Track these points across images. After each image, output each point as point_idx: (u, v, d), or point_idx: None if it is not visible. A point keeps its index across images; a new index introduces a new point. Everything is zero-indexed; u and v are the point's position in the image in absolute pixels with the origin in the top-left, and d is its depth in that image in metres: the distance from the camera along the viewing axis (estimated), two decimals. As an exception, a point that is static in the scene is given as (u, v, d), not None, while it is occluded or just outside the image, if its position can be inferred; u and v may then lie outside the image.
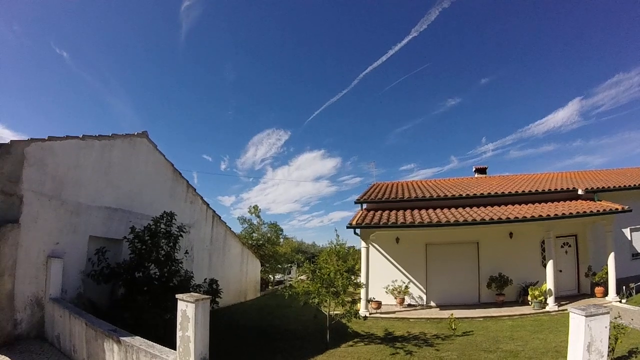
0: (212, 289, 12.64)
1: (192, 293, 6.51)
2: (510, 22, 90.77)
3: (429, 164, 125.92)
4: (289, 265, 37.81)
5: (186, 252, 12.86)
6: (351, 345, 10.44)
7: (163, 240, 11.04)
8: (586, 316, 4.17)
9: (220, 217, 18.61)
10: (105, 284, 10.15)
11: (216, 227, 18.25)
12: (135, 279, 10.18)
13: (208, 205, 17.48)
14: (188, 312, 5.79)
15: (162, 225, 11.24)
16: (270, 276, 33.95)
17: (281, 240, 37.60)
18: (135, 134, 13.14)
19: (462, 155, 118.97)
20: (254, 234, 33.44)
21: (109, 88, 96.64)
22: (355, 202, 18.63)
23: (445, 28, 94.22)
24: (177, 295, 6.13)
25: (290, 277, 37.02)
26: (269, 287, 31.45)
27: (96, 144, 11.09)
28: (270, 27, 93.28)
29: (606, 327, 4.28)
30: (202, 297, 6.04)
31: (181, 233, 11.78)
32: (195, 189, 16.41)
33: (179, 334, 5.88)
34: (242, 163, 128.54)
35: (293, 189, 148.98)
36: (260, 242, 32.73)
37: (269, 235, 34.53)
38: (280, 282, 35.27)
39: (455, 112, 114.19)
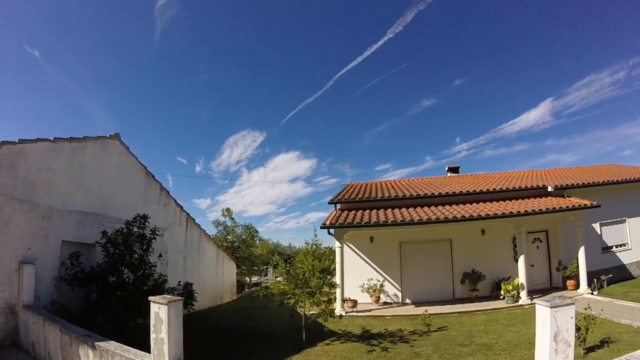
0: (186, 292, 12.59)
1: (164, 295, 6.50)
2: (484, 24, 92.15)
3: (404, 164, 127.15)
4: (265, 267, 37.78)
5: (160, 256, 12.77)
6: (328, 344, 10.50)
7: (136, 244, 10.95)
8: (551, 307, 4.31)
9: (194, 220, 18.49)
10: (79, 288, 10.03)
11: (190, 230, 18.13)
12: (109, 283, 10.07)
13: (182, 207, 17.35)
14: (161, 314, 5.80)
15: (135, 228, 11.15)
16: (246, 278, 33.91)
17: (257, 241, 37.59)
18: (108, 136, 12.99)
19: (437, 155, 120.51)
20: (228, 236, 33.35)
21: (81, 88, 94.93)
22: (329, 203, 18.72)
23: (421, 30, 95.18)
24: (150, 298, 6.14)
25: (266, 279, 37.07)
26: (246, 289, 31.37)
27: (67, 146, 10.93)
28: (245, 28, 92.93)
29: (572, 318, 4.43)
30: (174, 298, 6.06)
31: (154, 236, 11.68)
32: (168, 192, 16.30)
33: (152, 336, 5.89)
34: (217, 165, 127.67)
35: (269, 191, 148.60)
36: (235, 244, 32.70)
37: (243, 237, 34.48)
38: (256, 284, 35.25)
39: (430, 113, 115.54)
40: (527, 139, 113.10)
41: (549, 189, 19.14)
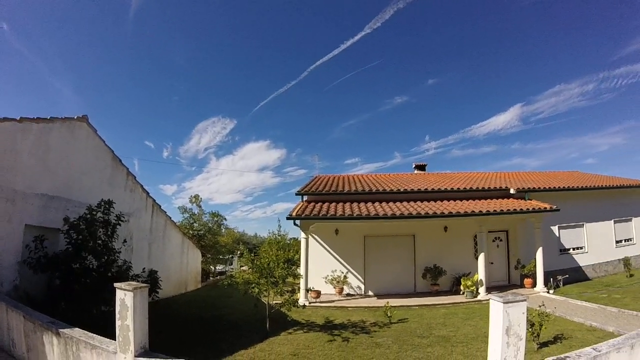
0: (151, 280, 12.55)
1: (130, 282, 6.50)
2: (461, 27, 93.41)
3: (373, 159, 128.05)
4: (230, 255, 37.58)
5: (124, 242, 12.58)
6: (290, 333, 10.67)
7: (100, 230, 10.82)
8: (504, 303, 4.54)
9: (160, 207, 18.30)
10: (42, 273, 9.83)
11: (156, 216, 17.94)
12: (72, 269, 9.89)
13: (148, 193, 17.13)
14: (127, 300, 5.79)
15: (100, 214, 10.98)
16: (211, 267, 33.63)
17: (223, 230, 37.38)
18: (75, 117, 12.66)
19: (406, 151, 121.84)
20: (194, 224, 33.07)
21: (50, 67, 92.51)
22: (296, 194, 18.84)
23: (398, 27, 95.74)
24: (115, 284, 6.10)
25: (231, 268, 36.86)
26: (210, 278, 31.16)
27: (34, 127, 10.59)
28: (220, 14, 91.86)
29: (523, 313, 4.68)
30: (140, 285, 6.04)
31: (119, 222, 11.54)
32: (135, 177, 16.05)
33: (118, 323, 5.87)
34: (185, 151, 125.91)
35: (237, 179, 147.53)
36: (201, 232, 32.43)
37: (210, 225, 34.24)
38: (221, 273, 35.03)
39: (402, 110, 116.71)
40: (495, 142, 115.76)
41: (512, 191, 19.88)
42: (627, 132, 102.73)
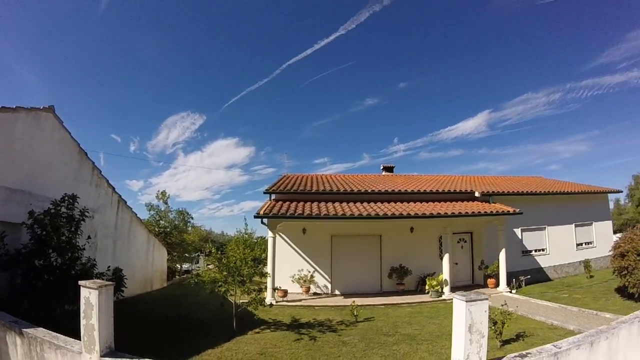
0: (116, 278, 12.34)
1: (95, 280, 6.41)
2: (433, 34, 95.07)
3: (342, 159, 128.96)
4: (197, 254, 37.15)
5: (88, 238, 12.21)
6: (258, 332, 10.66)
7: (64, 226, 10.56)
8: (467, 301, 4.69)
9: (126, 202, 17.87)
10: (4, 272, 9.56)
11: (121, 212, 17.52)
12: (35, 266, 9.63)
13: (114, 189, 16.71)
14: (91, 299, 5.71)
15: (64, 209, 10.69)
16: (177, 265, 33.15)
17: (189, 228, 36.94)
18: (42, 108, 12.26)
19: (375, 153, 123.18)
20: (161, 221, 32.54)
21: (17, 53, 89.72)
22: (264, 192, 18.71)
23: (373, 30, 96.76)
24: (80, 282, 6.01)
25: (197, 267, 36.51)
26: (176, 276, 30.72)
27: (-1, 116, 10.31)
28: (194, 9, 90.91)
29: (485, 312, 4.84)
30: (105, 283, 5.97)
31: (84, 217, 11.21)
32: (100, 171, 15.62)
33: (83, 322, 5.80)
34: (153, 146, 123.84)
35: (205, 176, 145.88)
36: (168, 229, 31.91)
37: (176, 222, 33.76)
38: (187, 272, 34.62)
39: (372, 112, 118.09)
40: (462, 146, 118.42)
41: (477, 194, 20.42)
42: (591, 141, 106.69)
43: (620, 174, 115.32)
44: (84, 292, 5.85)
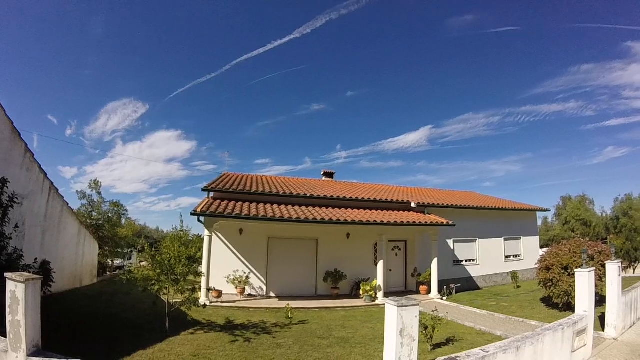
0: (44, 271, 11.80)
1: (22, 272, 6.14)
2: (386, 48, 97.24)
3: (284, 162, 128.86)
4: (130, 249, 35.95)
5: (16, 226, 11.56)
6: (192, 333, 10.50)
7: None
8: (398, 306, 4.87)
9: (57, 190, 16.93)
10: None
11: (52, 201, 16.47)
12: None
13: (46, 175, 15.68)
14: (18, 293, 5.43)
15: (-10, 193, 10.06)
16: (108, 261, 31.92)
17: (123, 222, 35.70)
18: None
19: (316, 158, 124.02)
20: (93, 213, 31.15)
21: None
22: (203, 190, 18.33)
23: (327, 37, 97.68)
24: (5, 275, 5.70)
25: (130, 263, 35.34)
26: (107, 272, 29.60)
27: None
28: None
29: (416, 317, 5.04)
30: (33, 277, 5.65)
31: (12, 204, 10.50)
32: (33, 154, 14.61)
33: (8, 318, 5.51)
34: (90, 131, 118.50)
35: (142, 168, 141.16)
36: (100, 222, 30.55)
37: (110, 215, 32.46)
38: (119, 268, 33.45)
39: (318, 117, 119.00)
40: (402, 158, 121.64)
41: (413, 204, 21.19)
42: (524, 163, 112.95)
43: (549, 195, 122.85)
44: (9, 285, 5.55)
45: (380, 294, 17.37)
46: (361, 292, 17.63)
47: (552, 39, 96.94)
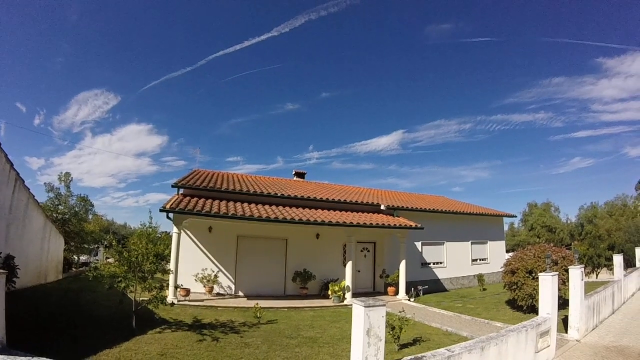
0: (7, 267, 11.55)
1: (-15, 268, 6.03)
2: (363, 51, 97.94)
3: (255, 160, 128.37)
4: (96, 245, 35.31)
5: None
6: (159, 332, 10.40)
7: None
8: (365, 307, 5.00)
9: (24, 182, 16.44)
10: None
11: (18, 192, 15.92)
12: None
13: (12, 165, 15.22)
14: (-19, 288, 5.36)
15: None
16: (74, 256, 31.28)
17: (90, 217, 35.09)
18: None
19: (289, 157, 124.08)
20: (60, 207, 30.46)
21: None
22: (173, 186, 18.14)
23: (306, 37, 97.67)
24: (-30, 270, 5.62)
25: (96, 259, 34.73)
26: (73, 268, 29.07)
27: None
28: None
29: (383, 317, 5.17)
30: None
31: None
32: (0, 144, 14.21)
33: (-27, 314, 5.44)
34: (59, 121, 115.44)
35: (111, 162, 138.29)
36: (67, 216, 29.90)
37: (76, 209, 31.84)
38: (85, 264, 32.87)
39: (292, 117, 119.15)
40: (374, 160, 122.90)
41: (382, 207, 21.52)
42: (493, 169, 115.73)
43: (516, 201, 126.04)
44: (-27, 281, 5.47)
45: (348, 295, 17.53)
46: (330, 292, 17.78)
47: (527, 51, 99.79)
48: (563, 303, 12.62)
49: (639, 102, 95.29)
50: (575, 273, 11.58)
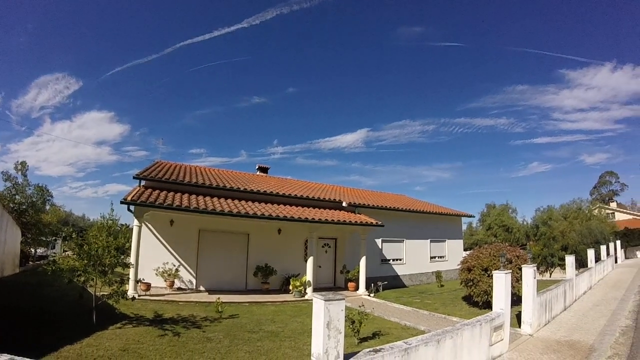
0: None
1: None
2: (332, 48, 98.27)
3: (219, 153, 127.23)
4: (54, 238, 34.35)
5: None
6: (120, 327, 10.36)
7: None
8: (325, 300, 5.20)
9: None
10: None
11: None
12: None
13: None
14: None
15: None
16: (31, 249, 30.38)
17: (47, 207, 34.09)
18: None
19: (253, 151, 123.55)
20: (16, 196, 29.49)
21: None
22: (134, 177, 17.88)
23: (276, 31, 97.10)
24: None
25: (54, 252, 33.91)
26: (30, 262, 28.25)
27: None
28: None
29: (342, 310, 5.38)
30: None
31: None
32: None
33: None
34: (17, 105, 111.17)
35: (70, 150, 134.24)
36: (24, 207, 29.00)
37: (34, 199, 30.87)
38: (43, 257, 32.04)
39: (257, 110, 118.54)
40: (337, 157, 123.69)
41: (344, 204, 21.92)
42: (454, 170, 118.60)
43: (475, 202, 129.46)
44: None
45: (309, 290, 17.83)
46: (291, 287, 18.08)
47: (493, 58, 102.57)
48: (517, 300, 13.21)
49: (597, 112, 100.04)
50: (528, 271, 12.14)
